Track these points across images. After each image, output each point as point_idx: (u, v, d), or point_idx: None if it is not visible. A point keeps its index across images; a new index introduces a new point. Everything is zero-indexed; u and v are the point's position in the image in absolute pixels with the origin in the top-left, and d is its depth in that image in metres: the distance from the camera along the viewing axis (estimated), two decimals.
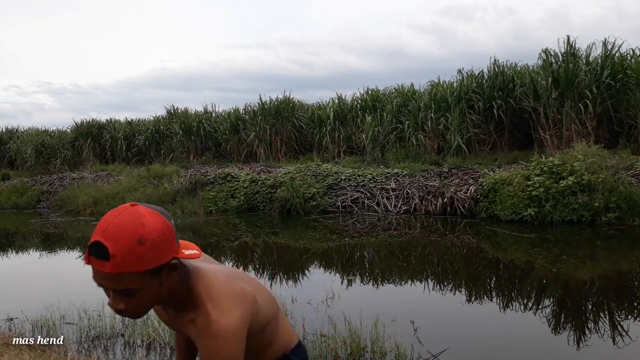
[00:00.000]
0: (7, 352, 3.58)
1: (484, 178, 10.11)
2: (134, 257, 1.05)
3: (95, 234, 1.08)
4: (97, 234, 1.07)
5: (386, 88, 17.05)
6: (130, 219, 1.08)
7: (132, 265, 1.05)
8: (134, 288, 1.08)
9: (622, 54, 11.97)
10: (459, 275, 6.45)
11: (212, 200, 12.14)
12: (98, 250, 1.05)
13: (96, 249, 1.06)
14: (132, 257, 1.05)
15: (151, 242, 1.07)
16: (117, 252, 1.04)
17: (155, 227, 1.10)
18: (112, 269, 1.04)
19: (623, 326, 4.24)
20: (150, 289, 1.11)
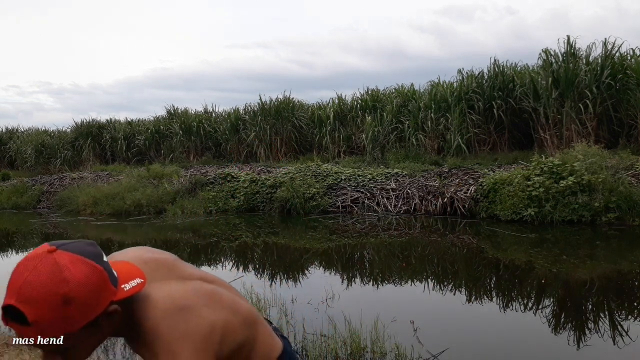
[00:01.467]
0: (7, 352, 3.58)
1: (484, 178, 10.10)
2: (60, 321, 0.90)
3: (9, 293, 0.90)
4: (11, 295, 0.89)
5: (386, 88, 17.07)
6: (50, 274, 0.90)
7: (59, 329, 0.91)
8: (63, 348, 0.95)
9: (622, 54, 11.98)
10: (459, 276, 6.45)
11: (212, 200, 12.14)
12: (14, 315, 0.89)
13: (12, 314, 0.89)
14: (57, 321, 0.90)
15: (79, 300, 0.91)
16: (38, 318, 0.88)
17: (81, 279, 0.92)
18: (35, 336, 0.89)
19: (623, 326, 4.24)
20: (87, 340, 0.98)
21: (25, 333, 0.89)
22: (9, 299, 0.89)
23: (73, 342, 0.95)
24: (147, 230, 10.62)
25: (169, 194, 12.62)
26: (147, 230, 10.63)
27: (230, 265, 7.34)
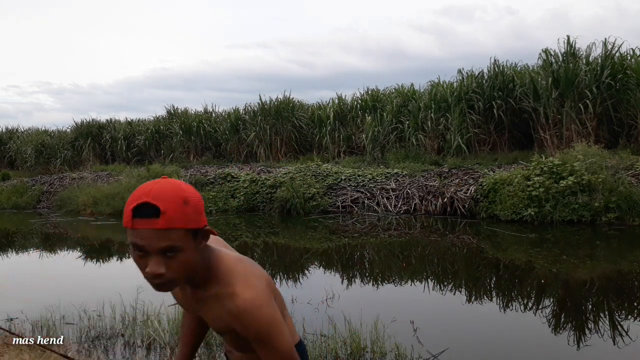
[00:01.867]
0: (7, 352, 3.58)
1: (484, 178, 10.11)
2: (182, 214, 1.10)
3: (138, 197, 1.09)
4: (142, 197, 1.09)
5: (386, 88, 17.08)
6: (171, 184, 1.13)
7: (180, 221, 1.09)
8: (177, 246, 1.10)
9: (622, 54, 11.98)
10: (459, 276, 6.45)
11: (212, 200, 12.14)
12: (146, 210, 1.08)
13: (144, 209, 1.08)
14: (180, 213, 1.10)
15: (193, 204, 1.13)
16: (167, 209, 1.08)
17: (192, 191, 1.16)
18: (163, 225, 1.08)
19: (623, 326, 4.24)
20: (189, 251, 1.13)
21: (154, 224, 1.07)
22: (141, 199, 1.08)
23: (183, 244, 1.11)
24: None
25: None
26: None
27: None
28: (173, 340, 3.93)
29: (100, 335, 4.19)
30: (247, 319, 1.16)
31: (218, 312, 1.22)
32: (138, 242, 1.09)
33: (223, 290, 1.19)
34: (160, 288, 1.15)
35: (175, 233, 1.09)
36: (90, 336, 4.18)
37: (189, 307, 1.36)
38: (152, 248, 1.09)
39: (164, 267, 1.11)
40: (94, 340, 4.11)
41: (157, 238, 1.08)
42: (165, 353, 3.83)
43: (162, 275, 1.11)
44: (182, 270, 1.14)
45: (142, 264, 1.12)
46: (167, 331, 4.06)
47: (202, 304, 1.25)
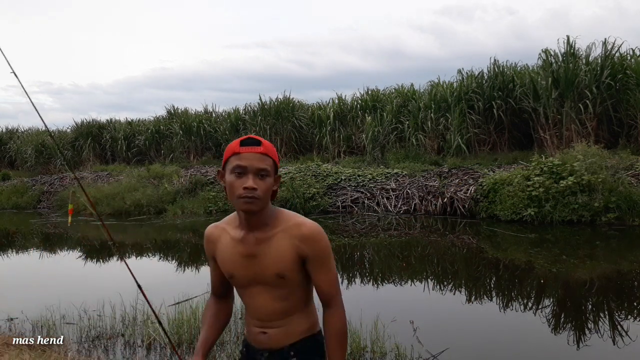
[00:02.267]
0: (7, 352, 3.59)
1: (484, 178, 10.11)
2: (273, 150, 1.48)
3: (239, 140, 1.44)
4: (243, 138, 1.45)
5: (386, 88, 17.07)
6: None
7: (272, 153, 1.46)
8: (269, 171, 1.43)
9: (622, 54, 11.98)
10: (459, 275, 6.45)
11: (212, 200, 12.14)
12: (251, 141, 1.44)
13: (249, 140, 1.44)
14: (272, 149, 1.47)
15: (276, 151, 1.51)
16: (265, 143, 1.45)
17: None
18: (263, 150, 1.43)
19: (623, 326, 4.24)
20: (272, 180, 1.46)
21: (257, 150, 1.42)
22: (245, 137, 1.45)
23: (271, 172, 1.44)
24: (147, 230, 10.62)
25: (169, 194, 12.62)
26: (147, 230, 10.63)
27: None
28: (173, 340, 3.93)
29: (100, 335, 4.19)
30: (316, 239, 1.49)
31: (284, 245, 1.48)
32: (242, 163, 1.41)
33: (289, 224, 1.50)
34: (250, 203, 1.41)
35: (269, 160, 1.44)
36: (90, 336, 4.19)
37: (245, 259, 1.51)
38: (252, 168, 1.41)
39: (257, 185, 1.41)
40: (94, 340, 4.12)
41: (258, 160, 1.42)
42: (165, 353, 3.83)
43: (256, 189, 1.40)
44: (266, 193, 1.43)
45: (239, 183, 1.41)
46: (167, 331, 4.06)
47: (266, 244, 1.48)
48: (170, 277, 6.65)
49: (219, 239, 1.57)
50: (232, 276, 1.54)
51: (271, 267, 1.48)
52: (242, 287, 1.56)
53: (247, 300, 1.57)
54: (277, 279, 1.49)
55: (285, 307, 1.53)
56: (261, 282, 1.51)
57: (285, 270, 1.48)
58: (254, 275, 1.51)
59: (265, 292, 1.52)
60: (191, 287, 5.17)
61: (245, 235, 1.51)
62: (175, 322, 4.09)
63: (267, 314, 1.54)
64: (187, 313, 4.19)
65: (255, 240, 1.50)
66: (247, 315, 1.62)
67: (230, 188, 1.44)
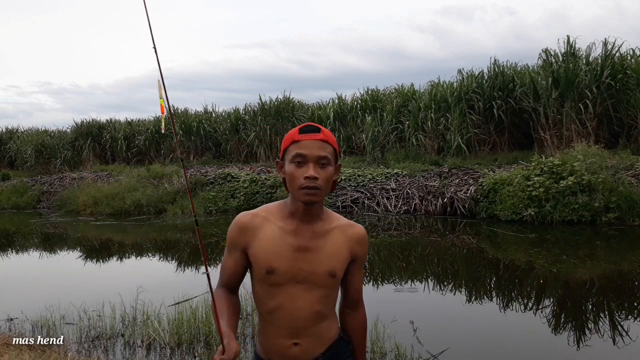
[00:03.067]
0: (7, 352, 3.58)
1: (484, 178, 10.10)
2: (333, 138, 1.43)
3: (298, 128, 1.41)
4: (302, 125, 1.41)
5: (386, 88, 17.08)
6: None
7: (332, 141, 1.42)
8: (329, 159, 1.39)
9: (622, 54, 11.98)
10: (459, 275, 6.45)
11: (212, 200, 12.14)
12: (311, 128, 1.40)
13: (308, 128, 1.40)
14: (332, 137, 1.43)
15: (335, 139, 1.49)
16: (324, 131, 1.41)
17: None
18: (322, 137, 1.39)
19: (623, 326, 4.24)
20: (332, 170, 1.41)
21: (317, 137, 1.39)
22: (304, 125, 1.42)
23: (332, 160, 1.41)
24: (147, 230, 10.62)
25: (169, 194, 12.62)
26: (147, 230, 10.63)
27: None
28: (173, 340, 3.93)
29: (100, 335, 4.19)
30: (366, 242, 1.55)
31: (341, 242, 1.46)
32: (302, 151, 1.37)
33: (342, 223, 1.50)
34: (311, 193, 1.37)
35: (329, 147, 1.40)
36: (90, 336, 4.18)
37: (295, 252, 1.43)
38: (312, 156, 1.37)
39: (318, 174, 1.37)
40: (94, 340, 4.11)
41: (318, 147, 1.38)
42: (165, 353, 3.83)
43: (317, 179, 1.36)
44: (327, 182, 1.39)
45: (300, 172, 1.37)
46: (167, 331, 4.06)
47: (323, 238, 1.45)
48: (170, 277, 6.65)
49: (260, 229, 1.45)
50: (273, 271, 1.40)
51: (325, 263, 1.42)
52: (279, 286, 1.42)
53: (283, 302, 1.42)
54: (326, 278, 1.42)
55: (323, 310, 1.46)
56: (306, 280, 1.42)
57: (338, 268, 1.45)
58: (299, 271, 1.41)
59: (308, 292, 1.42)
60: (191, 287, 5.16)
61: (299, 227, 1.43)
62: (175, 322, 4.09)
63: (305, 319, 1.43)
64: (187, 313, 4.19)
65: (312, 234, 1.43)
66: (272, 327, 1.45)
67: (290, 178, 1.38)
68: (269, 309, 1.44)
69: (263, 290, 1.45)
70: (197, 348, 3.84)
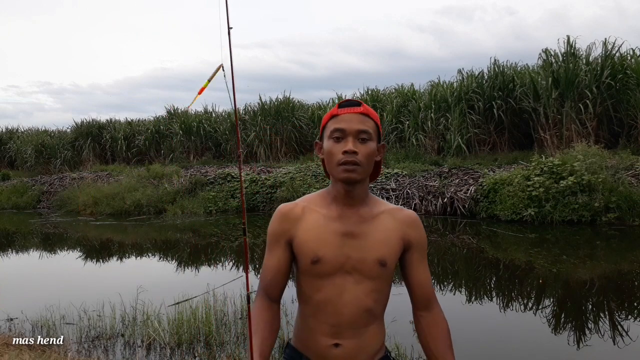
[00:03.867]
0: (7, 352, 3.58)
1: (484, 178, 10.10)
2: (374, 112, 1.37)
3: (338, 104, 1.34)
4: (342, 102, 1.34)
5: (386, 88, 17.07)
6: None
7: (373, 115, 1.34)
8: (370, 132, 1.30)
9: (622, 54, 11.98)
10: (459, 275, 6.45)
11: (212, 200, 12.14)
12: (350, 103, 1.33)
13: (348, 102, 1.33)
14: (373, 111, 1.36)
15: (379, 116, 1.39)
16: (364, 105, 1.34)
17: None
18: (363, 110, 1.31)
19: (623, 326, 4.24)
20: (374, 146, 1.32)
21: (357, 110, 1.31)
22: (344, 100, 1.34)
23: (373, 135, 1.32)
24: (147, 230, 10.62)
25: (169, 194, 12.62)
26: (147, 230, 10.63)
27: (230, 265, 7.34)
28: (173, 340, 3.93)
29: (100, 335, 4.19)
30: (420, 226, 1.39)
31: (391, 226, 1.34)
32: (341, 125, 1.29)
33: (391, 207, 1.39)
34: (350, 170, 1.28)
35: (370, 122, 1.32)
36: (90, 336, 4.18)
37: (342, 239, 1.32)
38: (351, 130, 1.28)
39: (358, 149, 1.28)
40: (94, 340, 4.11)
41: (358, 120, 1.30)
42: (165, 353, 3.83)
43: (356, 153, 1.27)
44: (368, 159, 1.30)
45: (338, 147, 1.28)
46: (167, 331, 4.06)
47: (371, 223, 1.33)
48: (170, 277, 6.65)
49: (303, 218, 1.35)
50: (319, 260, 1.29)
51: (374, 250, 1.30)
52: (326, 277, 1.30)
53: (329, 295, 1.30)
54: (376, 267, 1.30)
55: (372, 308, 1.33)
56: (355, 270, 1.30)
57: (388, 255, 1.31)
58: (347, 260, 1.29)
59: (357, 285, 1.30)
60: (191, 287, 5.16)
61: (343, 212, 1.33)
62: (175, 322, 4.09)
63: (351, 315, 1.30)
64: (187, 313, 4.19)
65: (358, 218, 1.33)
66: (315, 320, 1.32)
67: (328, 155, 1.30)
68: (314, 303, 1.32)
69: (308, 284, 1.33)
70: (197, 348, 3.84)
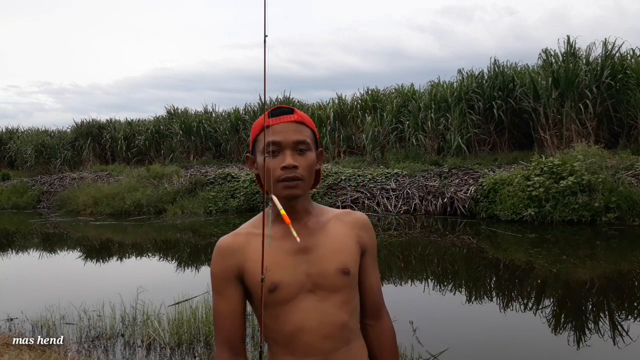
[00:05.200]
0: (7, 352, 3.58)
1: (484, 178, 10.10)
2: (308, 118, 1.24)
3: (267, 113, 1.21)
4: (271, 109, 1.22)
5: (386, 88, 17.07)
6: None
7: (308, 121, 1.23)
8: (308, 142, 1.20)
9: (622, 54, 11.97)
10: (459, 275, 6.45)
11: (212, 200, 12.14)
12: (280, 110, 1.21)
13: (279, 110, 1.21)
14: (307, 117, 1.24)
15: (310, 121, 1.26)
16: (297, 111, 1.22)
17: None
18: (297, 119, 1.19)
19: (623, 326, 4.24)
20: (313, 155, 1.22)
21: (290, 118, 1.19)
22: (273, 108, 1.22)
23: (311, 144, 1.21)
24: (147, 230, 10.62)
25: (169, 194, 12.62)
26: (147, 230, 10.63)
27: None
28: (173, 340, 3.93)
29: (100, 335, 4.19)
30: (371, 228, 1.31)
31: (343, 232, 1.26)
32: (276, 138, 1.17)
33: (337, 213, 1.30)
34: (292, 185, 1.17)
35: (306, 130, 1.20)
36: (90, 336, 4.19)
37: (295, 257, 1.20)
38: (287, 142, 1.17)
39: (297, 161, 1.17)
40: (94, 340, 4.11)
41: (293, 130, 1.18)
42: (165, 353, 3.83)
43: (296, 167, 1.16)
44: (308, 171, 1.20)
45: (275, 162, 1.16)
46: (167, 331, 4.06)
47: (322, 232, 1.24)
48: (170, 277, 6.65)
49: (247, 247, 1.21)
50: (277, 286, 1.15)
51: (333, 259, 1.19)
52: (287, 303, 1.17)
53: (299, 322, 1.16)
54: (339, 277, 1.19)
55: (348, 322, 1.21)
56: (317, 287, 1.18)
57: (350, 261, 1.21)
58: (307, 278, 1.17)
59: (324, 302, 1.18)
60: (191, 287, 5.16)
61: (289, 228, 1.15)
62: (175, 323, 4.09)
63: (332, 338, 1.17)
64: (187, 313, 4.19)
65: (306, 230, 1.21)
66: (292, 357, 1.18)
67: (264, 172, 1.16)
68: (286, 337, 1.17)
69: (272, 317, 1.17)
70: (197, 348, 3.84)
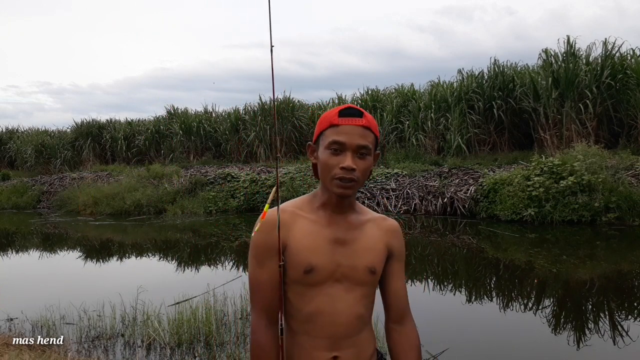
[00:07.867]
0: (7, 352, 3.58)
1: (484, 178, 10.10)
2: (375, 123, 1.28)
3: (337, 110, 1.24)
4: (342, 107, 1.25)
5: (386, 88, 17.09)
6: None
7: (374, 127, 1.26)
8: (369, 148, 1.24)
9: (622, 54, 11.98)
10: (459, 275, 6.45)
11: (212, 200, 12.14)
12: (352, 111, 1.24)
13: (350, 111, 1.24)
14: (374, 122, 1.27)
15: (377, 124, 1.31)
16: (367, 115, 1.25)
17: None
18: (365, 123, 1.23)
19: (623, 326, 4.24)
20: (371, 161, 1.27)
21: (359, 122, 1.22)
22: (345, 107, 1.25)
23: (372, 149, 1.25)
24: (147, 230, 10.62)
25: (169, 194, 12.62)
26: (147, 230, 10.63)
27: (230, 265, 7.34)
28: (173, 340, 3.93)
29: (100, 335, 4.19)
30: (401, 236, 1.42)
31: (375, 233, 1.34)
32: (341, 139, 1.21)
33: (374, 216, 1.38)
34: (346, 186, 1.22)
35: (371, 136, 1.24)
36: (90, 336, 4.18)
37: (332, 246, 1.26)
38: (351, 144, 1.21)
39: (356, 164, 1.22)
40: (94, 340, 4.11)
41: (359, 135, 1.22)
42: (165, 353, 3.83)
43: (354, 170, 1.21)
44: (364, 174, 1.25)
45: (336, 160, 1.21)
46: (167, 331, 4.05)
47: (359, 230, 1.31)
48: (170, 277, 6.65)
49: (294, 225, 1.26)
50: (313, 269, 1.22)
51: (363, 257, 1.27)
52: (317, 286, 1.24)
53: (321, 305, 1.24)
54: (367, 274, 1.27)
55: (364, 314, 1.30)
56: (345, 277, 1.26)
57: (377, 263, 1.29)
58: (338, 267, 1.25)
59: (348, 293, 1.26)
60: (191, 287, 5.16)
61: (333, 218, 1.28)
62: (175, 323, 4.09)
63: (346, 325, 1.26)
64: (187, 313, 4.19)
65: (347, 224, 1.29)
66: (307, 336, 1.25)
67: (323, 166, 1.23)
68: (305, 316, 1.25)
69: (298, 294, 1.25)
70: (197, 348, 3.84)
